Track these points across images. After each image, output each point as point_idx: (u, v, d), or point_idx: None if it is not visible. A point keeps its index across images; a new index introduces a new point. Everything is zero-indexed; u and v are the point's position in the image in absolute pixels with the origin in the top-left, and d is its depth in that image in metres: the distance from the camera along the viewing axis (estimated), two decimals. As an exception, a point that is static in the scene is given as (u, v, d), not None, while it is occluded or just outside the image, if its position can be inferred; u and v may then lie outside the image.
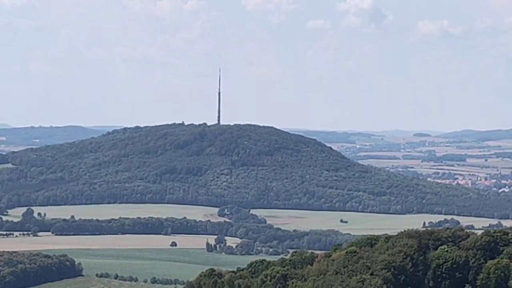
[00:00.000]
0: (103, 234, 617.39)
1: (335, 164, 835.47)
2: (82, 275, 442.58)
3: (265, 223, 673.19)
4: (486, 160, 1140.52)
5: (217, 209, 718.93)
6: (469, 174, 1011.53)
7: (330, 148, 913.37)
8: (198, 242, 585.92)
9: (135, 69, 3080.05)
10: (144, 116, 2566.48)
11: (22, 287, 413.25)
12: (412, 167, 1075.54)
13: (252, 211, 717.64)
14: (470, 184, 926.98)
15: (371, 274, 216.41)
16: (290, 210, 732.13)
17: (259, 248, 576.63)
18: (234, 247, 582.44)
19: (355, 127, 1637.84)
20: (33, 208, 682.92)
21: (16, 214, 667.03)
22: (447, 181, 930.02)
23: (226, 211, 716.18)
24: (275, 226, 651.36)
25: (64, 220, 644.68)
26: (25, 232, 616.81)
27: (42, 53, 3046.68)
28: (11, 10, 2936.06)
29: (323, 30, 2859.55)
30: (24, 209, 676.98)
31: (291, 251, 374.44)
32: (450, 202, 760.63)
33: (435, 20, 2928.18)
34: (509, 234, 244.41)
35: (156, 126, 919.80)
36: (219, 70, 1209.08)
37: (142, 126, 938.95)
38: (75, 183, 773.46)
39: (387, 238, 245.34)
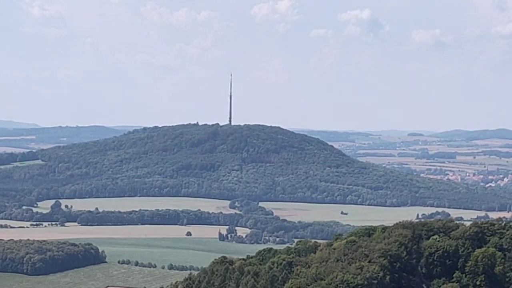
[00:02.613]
0: (125, 224, 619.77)
1: (336, 161, 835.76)
2: (105, 262, 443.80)
3: (272, 215, 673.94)
4: (474, 158, 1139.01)
5: (228, 202, 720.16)
6: (459, 170, 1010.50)
7: (332, 146, 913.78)
8: (211, 232, 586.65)
9: (154, 74, 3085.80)
10: (162, 117, 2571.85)
11: (50, 272, 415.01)
12: (407, 164, 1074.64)
13: (261, 204, 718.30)
14: (459, 180, 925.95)
15: (369, 262, 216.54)
16: (295, 203, 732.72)
17: (266, 238, 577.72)
18: (244, 236, 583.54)
19: (355, 127, 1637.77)
20: (60, 200, 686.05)
21: (45, 206, 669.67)
22: (439, 177, 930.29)
23: (236, 203, 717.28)
24: (281, 218, 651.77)
25: (89, 211, 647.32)
26: (53, 223, 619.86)
27: (69, 59, 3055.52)
28: (41, 20, 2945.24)
29: (326, 39, 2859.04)
30: (53, 201, 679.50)
31: (296, 240, 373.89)
32: (441, 196, 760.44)
33: (428, 29, 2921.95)
34: (495, 225, 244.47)
35: (173, 126, 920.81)
36: (231, 75, 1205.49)
37: (160, 126, 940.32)
38: (99, 178, 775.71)
39: (384, 228, 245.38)
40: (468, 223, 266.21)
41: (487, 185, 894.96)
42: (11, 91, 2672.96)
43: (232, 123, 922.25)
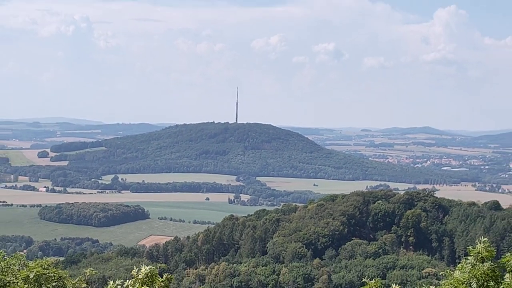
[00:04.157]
0: (163, 192, 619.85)
1: (310, 149, 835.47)
2: (149, 218, 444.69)
3: (266, 186, 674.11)
4: (406, 147, 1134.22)
5: (235, 177, 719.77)
6: (396, 156, 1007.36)
7: (307, 138, 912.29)
8: (223, 197, 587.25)
9: (184, 88, 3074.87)
10: (189, 117, 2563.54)
11: (111, 225, 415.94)
12: (359, 151, 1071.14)
13: (257, 178, 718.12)
14: (396, 162, 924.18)
15: (333, 219, 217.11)
16: (281, 177, 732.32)
17: (261, 202, 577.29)
18: (246, 201, 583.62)
19: (323, 125, 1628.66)
20: (118, 175, 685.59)
21: (107, 179, 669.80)
22: (382, 160, 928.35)
23: (241, 178, 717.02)
24: (272, 188, 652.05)
25: (138, 183, 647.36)
26: (113, 190, 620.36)
27: (124, 77, 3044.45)
28: (105, 50, 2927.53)
29: (303, 63, 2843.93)
30: (112, 176, 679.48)
31: (282, 204, 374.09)
32: (383, 173, 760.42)
33: (375, 57, 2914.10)
34: (421, 194, 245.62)
35: (196, 123, 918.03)
36: (237, 88, 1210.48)
37: (187, 123, 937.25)
38: (144, 160, 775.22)
39: (343, 196, 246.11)
40: (402, 192, 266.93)
41: (415, 166, 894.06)
42: (85, 99, 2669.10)
43: (238, 122, 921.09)
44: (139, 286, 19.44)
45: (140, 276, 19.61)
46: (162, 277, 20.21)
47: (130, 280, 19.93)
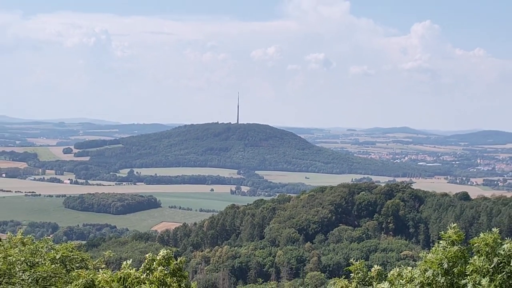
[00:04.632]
0: (173, 184, 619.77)
1: (302, 146, 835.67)
2: (160, 207, 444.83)
3: (263, 178, 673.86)
4: (387, 144, 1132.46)
5: (236, 170, 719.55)
6: (378, 152, 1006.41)
7: (300, 137, 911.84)
8: (226, 189, 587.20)
9: (192, 92, 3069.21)
10: (196, 118, 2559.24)
11: (127, 213, 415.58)
12: (346, 148, 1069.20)
13: (256, 172, 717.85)
14: (378, 158, 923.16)
15: (322, 207, 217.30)
16: (277, 171, 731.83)
17: (260, 192, 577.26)
18: (246, 192, 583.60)
19: (314, 125, 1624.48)
20: (133, 169, 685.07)
21: (124, 173, 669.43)
22: (365, 156, 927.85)
23: (241, 171, 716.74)
24: (268, 180, 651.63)
25: (151, 176, 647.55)
26: (129, 182, 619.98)
27: (138, 83, 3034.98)
28: (121, 58, 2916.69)
29: (297, 71, 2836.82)
30: (128, 169, 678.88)
31: (277, 194, 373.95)
32: (366, 167, 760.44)
33: (360, 65, 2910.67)
34: (399, 186, 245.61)
35: (202, 124, 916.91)
36: (238, 93, 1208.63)
37: (195, 123, 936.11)
38: (157, 155, 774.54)
39: (331, 187, 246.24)
40: (383, 185, 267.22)
41: (395, 161, 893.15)
42: (104, 102, 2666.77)
43: (239, 122, 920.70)
44: (156, 267, 19.69)
45: (158, 258, 19.82)
46: (176, 259, 20.39)
47: (147, 260, 20.07)
